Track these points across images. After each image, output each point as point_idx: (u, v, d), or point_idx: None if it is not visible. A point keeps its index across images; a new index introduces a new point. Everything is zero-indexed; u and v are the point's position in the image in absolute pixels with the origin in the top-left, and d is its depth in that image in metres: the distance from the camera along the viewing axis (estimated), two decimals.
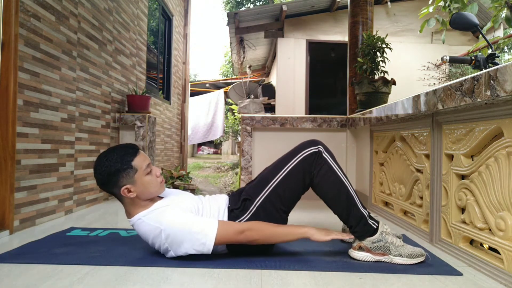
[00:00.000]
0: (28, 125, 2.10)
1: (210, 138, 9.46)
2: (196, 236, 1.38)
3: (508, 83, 1.14)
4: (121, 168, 1.40)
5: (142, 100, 3.55)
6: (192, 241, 1.39)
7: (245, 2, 17.62)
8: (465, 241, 1.55)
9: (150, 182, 1.45)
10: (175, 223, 1.39)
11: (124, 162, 1.40)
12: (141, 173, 1.42)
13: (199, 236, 1.38)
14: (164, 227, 1.39)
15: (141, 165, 1.43)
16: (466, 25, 1.88)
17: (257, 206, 1.55)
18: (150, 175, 1.46)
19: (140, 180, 1.42)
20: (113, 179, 1.40)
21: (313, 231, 1.47)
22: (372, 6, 3.54)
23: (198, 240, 1.38)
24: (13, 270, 1.38)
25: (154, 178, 1.46)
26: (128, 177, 1.40)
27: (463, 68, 5.50)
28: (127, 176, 1.40)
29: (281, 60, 6.65)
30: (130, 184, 1.41)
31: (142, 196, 1.45)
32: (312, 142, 1.60)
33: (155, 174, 1.48)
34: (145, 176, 1.43)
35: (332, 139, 3.26)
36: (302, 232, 1.47)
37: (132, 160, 1.42)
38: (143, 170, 1.43)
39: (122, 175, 1.40)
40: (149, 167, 1.46)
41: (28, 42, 2.08)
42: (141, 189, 1.43)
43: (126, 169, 1.40)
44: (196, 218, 1.44)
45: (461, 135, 1.56)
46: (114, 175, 1.40)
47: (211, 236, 1.39)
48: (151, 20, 5.00)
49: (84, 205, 2.79)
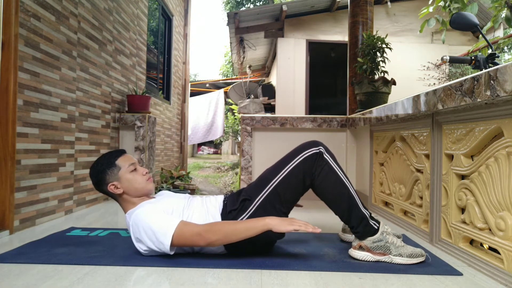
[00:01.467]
0: (28, 125, 2.10)
1: (210, 138, 9.46)
2: (156, 235, 1.42)
3: (508, 83, 1.14)
4: (106, 167, 1.58)
5: (142, 100, 3.55)
6: (153, 240, 1.43)
7: (245, 2, 17.62)
8: (465, 241, 1.55)
9: (134, 179, 1.58)
10: (141, 220, 1.45)
11: (109, 161, 1.59)
12: (124, 170, 1.58)
13: (159, 235, 1.42)
14: (132, 222, 1.49)
15: (124, 164, 1.59)
16: (466, 25, 1.87)
17: (257, 206, 1.54)
18: (135, 172, 1.60)
19: (124, 177, 1.57)
20: (101, 177, 1.57)
21: (275, 222, 1.39)
22: (372, 6, 3.54)
23: (158, 239, 1.42)
24: (13, 270, 1.38)
25: (138, 176, 1.60)
26: (113, 174, 1.57)
27: (463, 68, 5.49)
28: (112, 173, 1.57)
29: (281, 60, 6.65)
30: (116, 181, 1.57)
31: (130, 192, 1.59)
32: (313, 143, 1.59)
33: (141, 172, 1.61)
34: (129, 173, 1.58)
35: (332, 139, 3.26)
36: (263, 224, 1.39)
37: (116, 159, 1.60)
38: (126, 168, 1.58)
39: (108, 173, 1.57)
40: (134, 166, 1.61)
41: (28, 42, 2.08)
42: (126, 185, 1.57)
43: (110, 167, 1.58)
44: (162, 216, 1.45)
45: (461, 135, 1.56)
46: (101, 173, 1.57)
47: (168, 236, 1.40)
48: (151, 20, 5.00)
49: (84, 205, 2.79)
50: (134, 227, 1.48)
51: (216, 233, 1.39)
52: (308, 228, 1.38)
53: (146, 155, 3.45)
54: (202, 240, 1.39)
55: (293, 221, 1.40)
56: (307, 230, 1.38)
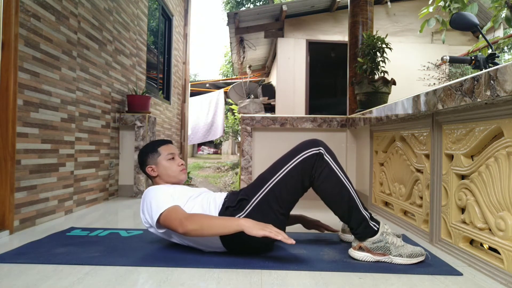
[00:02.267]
0: (28, 125, 2.10)
1: (210, 138, 9.46)
2: (152, 209, 1.52)
3: (508, 83, 1.14)
4: (150, 151, 1.76)
5: (142, 100, 3.55)
6: (149, 212, 1.54)
7: (245, 2, 17.61)
8: (465, 241, 1.55)
9: (169, 166, 1.73)
10: (149, 193, 1.59)
11: (153, 147, 1.77)
12: (163, 157, 1.73)
13: (153, 210, 1.51)
14: (143, 194, 1.64)
15: (164, 152, 1.75)
16: (466, 25, 1.87)
17: (253, 206, 1.52)
18: (172, 161, 1.74)
19: (161, 163, 1.73)
20: (143, 158, 1.76)
21: (248, 224, 1.36)
22: (372, 6, 3.54)
23: (150, 213, 1.52)
24: (13, 270, 1.38)
25: (174, 165, 1.74)
26: (153, 159, 1.74)
27: (463, 68, 5.49)
28: (152, 157, 1.74)
29: (281, 60, 6.65)
30: (154, 164, 1.74)
31: (163, 177, 1.73)
32: (313, 143, 1.56)
33: (177, 163, 1.75)
34: (166, 160, 1.73)
35: (332, 139, 3.26)
36: (237, 224, 1.37)
37: (159, 146, 1.76)
38: (165, 155, 1.74)
39: (149, 156, 1.75)
40: (173, 155, 1.75)
41: (28, 42, 2.08)
42: (161, 170, 1.73)
43: (152, 152, 1.75)
44: (164, 196, 1.54)
45: (461, 135, 1.56)
46: (144, 155, 1.76)
47: (158, 213, 1.48)
48: (151, 20, 5.00)
49: (84, 205, 2.79)
50: (143, 198, 1.63)
51: (193, 223, 1.40)
52: (278, 236, 1.33)
53: None
54: (180, 226, 1.41)
55: (266, 226, 1.36)
56: (277, 238, 1.33)
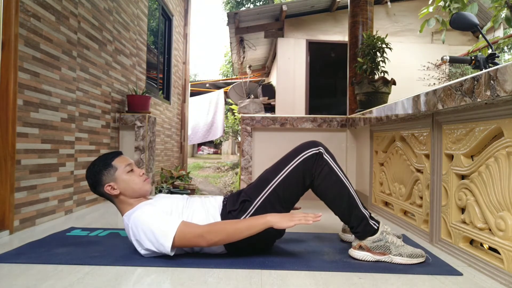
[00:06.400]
0: (28, 125, 2.10)
1: (210, 138, 9.46)
2: (156, 236, 1.41)
3: (508, 83, 1.14)
4: (103, 168, 1.56)
5: (142, 100, 3.55)
6: (152, 241, 1.42)
7: (245, 2, 17.61)
8: (465, 241, 1.55)
9: (130, 179, 1.56)
10: (141, 221, 1.44)
11: (105, 162, 1.57)
12: (121, 171, 1.56)
13: (159, 237, 1.40)
14: (131, 224, 1.47)
15: (121, 165, 1.57)
16: (466, 25, 1.87)
17: (256, 207, 1.53)
18: (131, 173, 1.58)
19: (121, 177, 1.55)
20: (97, 178, 1.55)
21: (276, 219, 1.38)
22: (372, 6, 3.54)
23: (158, 241, 1.41)
24: (13, 270, 1.38)
25: (135, 176, 1.58)
26: (110, 175, 1.55)
27: (463, 68, 5.49)
28: (108, 174, 1.55)
29: (281, 60, 6.65)
30: (113, 181, 1.55)
31: (127, 193, 1.56)
32: (312, 143, 1.59)
33: (138, 173, 1.59)
34: (125, 174, 1.56)
35: (332, 139, 3.26)
36: (264, 221, 1.38)
37: (112, 160, 1.58)
38: (123, 168, 1.56)
39: (104, 173, 1.55)
40: (131, 166, 1.59)
41: (28, 42, 2.08)
42: (123, 185, 1.55)
43: (107, 168, 1.56)
44: (162, 217, 1.44)
45: (461, 135, 1.56)
46: (97, 174, 1.55)
47: (170, 237, 1.39)
48: (151, 20, 5.00)
49: (84, 205, 2.79)
50: (133, 229, 1.46)
51: (218, 233, 1.39)
52: (308, 219, 1.36)
53: (146, 155, 3.45)
54: (204, 241, 1.39)
55: (293, 216, 1.39)
56: (308, 222, 1.36)
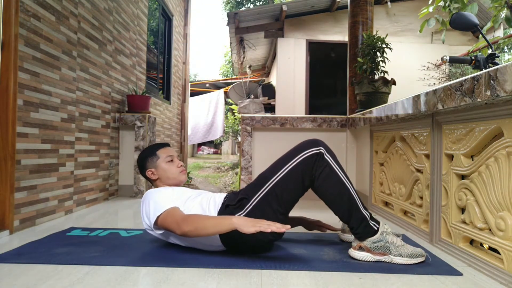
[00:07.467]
0: (28, 125, 2.10)
1: (210, 138, 9.46)
2: (150, 210, 1.54)
3: (508, 83, 1.14)
4: (148, 155, 1.77)
5: (142, 100, 3.55)
6: (147, 214, 1.56)
7: (245, 2, 17.60)
8: (465, 241, 1.55)
9: (168, 169, 1.74)
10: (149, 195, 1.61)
11: (151, 151, 1.78)
12: (162, 160, 1.75)
13: (151, 212, 1.54)
14: (144, 196, 1.66)
15: (163, 155, 1.76)
16: (466, 25, 1.87)
17: (253, 206, 1.53)
18: (171, 163, 1.76)
19: (161, 166, 1.74)
20: (143, 163, 1.77)
21: (240, 222, 1.34)
22: (372, 6, 3.54)
23: (148, 215, 1.55)
24: (13, 270, 1.38)
25: (173, 166, 1.75)
26: (152, 162, 1.75)
27: (463, 68, 5.49)
28: (151, 161, 1.75)
29: (281, 60, 6.65)
30: (154, 168, 1.74)
31: (163, 179, 1.75)
32: (313, 142, 1.56)
33: (176, 164, 1.77)
34: (165, 163, 1.75)
35: (332, 139, 3.26)
36: (229, 222, 1.36)
37: (157, 150, 1.78)
38: (164, 158, 1.75)
39: (148, 160, 1.76)
40: (171, 157, 1.77)
41: (28, 42, 2.08)
42: (161, 172, 1.74)
43: (151, 156, 1.76)
44: (164, 199, 1.55)
45: (461, 135, 1.56)
46: (143, 160, 1.77)
47: (156, 215, 1.50)
48: (151, 20, 5.00)
49: (84, 205, 2.79)
50: (142, 201, 1.65)
51: (189, 224, 1.41)
52: (272, 227, 1.30)
53: None
54: (178, 228, 1.43)
55: (258, 222, 1.34)
56: (271, 229, 1.30)
